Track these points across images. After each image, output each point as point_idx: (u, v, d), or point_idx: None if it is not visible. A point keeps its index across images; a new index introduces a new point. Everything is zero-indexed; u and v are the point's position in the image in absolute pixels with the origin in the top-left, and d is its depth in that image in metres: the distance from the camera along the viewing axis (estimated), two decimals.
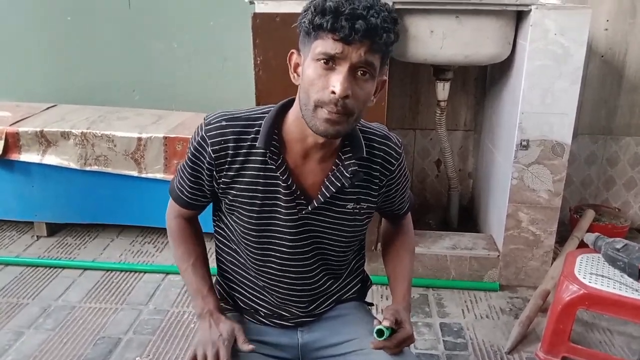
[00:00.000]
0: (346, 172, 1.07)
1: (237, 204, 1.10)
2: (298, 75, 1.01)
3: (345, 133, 1.01)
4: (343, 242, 1.16)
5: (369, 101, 1.00)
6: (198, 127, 1.09)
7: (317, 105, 0.95)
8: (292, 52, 1.03)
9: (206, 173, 1.09)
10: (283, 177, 1.05)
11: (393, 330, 1.09)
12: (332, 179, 1.08)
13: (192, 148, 1.10)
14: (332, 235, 1.14)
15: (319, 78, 0.94)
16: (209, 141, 1.06)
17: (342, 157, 1.08)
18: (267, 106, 1.10)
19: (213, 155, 1.06)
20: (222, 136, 1.06)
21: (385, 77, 1.07)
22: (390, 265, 1.29)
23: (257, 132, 1.05)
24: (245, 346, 1.06)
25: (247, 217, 1.10)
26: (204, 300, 1.14)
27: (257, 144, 1.05)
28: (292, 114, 1.05)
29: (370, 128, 1.14)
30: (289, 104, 1.07)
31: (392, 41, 0.95)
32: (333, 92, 0.93)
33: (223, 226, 1.20)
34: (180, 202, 1.18)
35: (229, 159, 1.06)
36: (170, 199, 1.22)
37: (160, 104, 2.98)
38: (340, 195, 1.10)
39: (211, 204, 1.21)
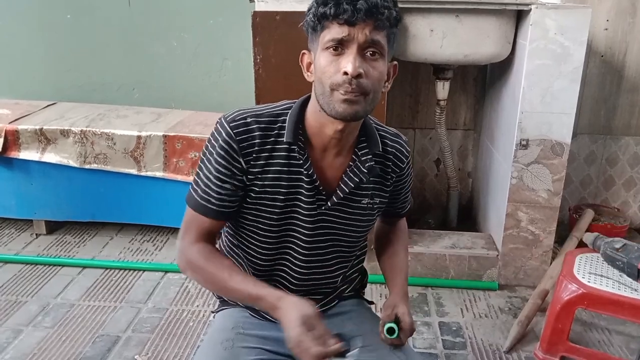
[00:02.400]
0: (363, 167, 1.09)
1: (260, 199, 1.09)
2: (311, 73, 1.03)
3: (363, 114, 1.02)
4: (355, 237, 1.18)
5: (382, 82, 1.01)
6: (219, 127, 1.06)
7: (333, 89, 0.97)
8: (304, 53, 1.06)
9: (236, 167, 1.06)
10: (308, 171, 1.06)
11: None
12: (350, 174, 1.10)
13: (217, 147, 1.05)
14: (347, 231, 1.15)
15: (330, 64, 0.96)
16: (236, 137, 1.04)
17: (359, 153, 1.10)
18: (284, 102, 1.11)
19: (242, 152, 1.04)
20: (249, 132, 1.05)
21: (396, 62, 1.08)
22: (386, 260, 1.29)
23: (281, 128, 1.06)
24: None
25: (269, 212, 1.09)
26: (262, 301, 1.05)
27: (284, 138, 1.05)
28: (310, 109, 1.07)
29: (382, 126, 1.17)
30: (306, 100, 1.09)
31: (395, 19, 0.97)
32: (345, 73, 0.95)
33: (237, 223, 1.18)
34: (211, 214, 1.09)
35: (255, 154, 1.06)
36: (183, 226, 1.13)
37: (160, 103, 2.98)
38: (357, 191, 1.12)
39: None
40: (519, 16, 2.17)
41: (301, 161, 1.06)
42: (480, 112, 2.80)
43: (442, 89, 2.48)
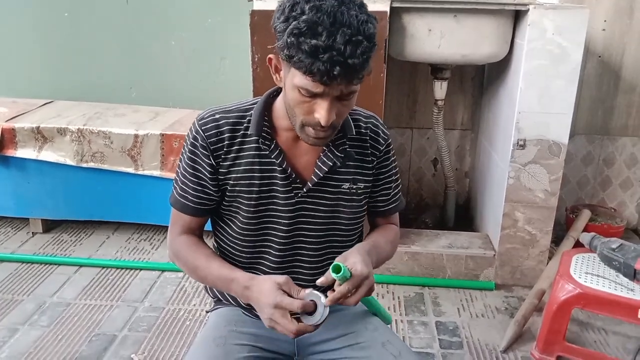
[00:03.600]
0: (337, 151, 1.10)
1: (235, 193, 1.11)
2: (280, 78, 1.02)
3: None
4: (345, 225, 1.17)
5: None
6: (191, 127, 1.11)
7: (304, 124, 0.99)
8: (270, 59, 1.03)
9: (206, 163, 1.09)
10: (277, 160, 1.08)
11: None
12: (324, 158, 1.10)
13: (189, 145, 1.10)
14: (329, 218, 1.15)
15: (303, 103, 0.96)
16: (204, 134, 1.08)
17: (333, 137, 1.10)
18: (254, 98, 1.13)
19: (211, 148, 1.08)
20: (217, 128, 1.08)
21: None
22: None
23: (249, 122, 1.09)
24: (302, 293, 0.98)
25: (245, 205, 1.11)
26: (234, 282, 1.07)
27: (249, 131, 1.08)
28: (280, 101, 1.08)
29: (355, 109, 1.17)
30: (277, 91, 1.10)
31: (370, 66, 0.93)
32: (318, 121, 0.95)
33: (222, 222, 1.20)
34: (189, 211, 1.14)
35: (225, 149, 1.08)
36: (170, 221, 1.18)
37: (157, 102, 2.97)
38: (335, 176, 1.12)
39: None
40: (517, 16, 2.18)
41: (268, 152, 1.08)
42: (477, 112, 2.80)
43: (440, 89, 2.48)
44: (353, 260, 1.01)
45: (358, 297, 1.00)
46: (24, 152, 2.56)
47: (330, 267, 0.97)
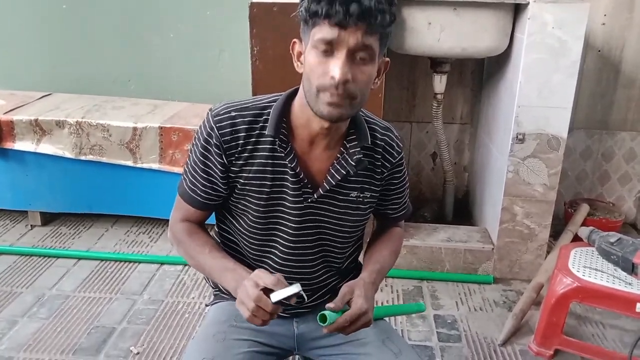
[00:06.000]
0: (351, 159, 1.08)
1: (245, 192, 1.10)
2: (301, 64, 1.02)
3: (348, 116, 1.02)
4: (346, 232, 1.17)
5: (371, 84, 1.00)
6: (205, 120, 1.08)
7: (319, 90, 0.96)
8: (295, 42, 1.04)
9: (218, 162, 1.08)
10: (291, 164, 1.06)
11: (344, 311, 1.02)
12: (337, 166, 1.09)
13: (202, 140, 1.08)
14: (335, 225, 1.14)
15: (319, 65, 0.95)
16: (218, 132, 1.06)
17: (347, 145, 1.09)
18: (272, 95, 1.10)
19: (224, 147, 1.06)
20: (233, 126, 1.06)
21: (388, 59, 1.06)
22: (367, 253, 1.26)
23: (266, 121, 1.06)
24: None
25: (255, 204, 1.10)
26: (233, 273, 1.07)
27: (266, 132, 1.05)
28: (298, 101, 1.06)
29: (372, 118, 1.16)
30: (295, 92, 1.08)
31: (389, 22, 0.95)
32: (333, 78, 0.94)
33: (227, 218, 1.19)
34: (196, 204, 1.14)
35: (239, 148, 1.07)
36: (175, 204, 1.18)
37: (156, 95, 2.96)
38: (345, 184, 1.11)
39: None
40: (517, 10, 2.17)
41: (283, 154, 1.06)
42: (477, 106, 2.80)
43: (439, 83, 2.47)
44: (357, 293, 1.04)
45: (353, 329, 1.03)
46: (22, 145, 2.55)
47: (317, 317, 1.00)
